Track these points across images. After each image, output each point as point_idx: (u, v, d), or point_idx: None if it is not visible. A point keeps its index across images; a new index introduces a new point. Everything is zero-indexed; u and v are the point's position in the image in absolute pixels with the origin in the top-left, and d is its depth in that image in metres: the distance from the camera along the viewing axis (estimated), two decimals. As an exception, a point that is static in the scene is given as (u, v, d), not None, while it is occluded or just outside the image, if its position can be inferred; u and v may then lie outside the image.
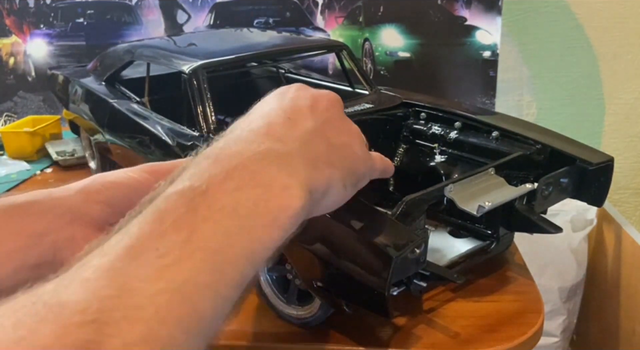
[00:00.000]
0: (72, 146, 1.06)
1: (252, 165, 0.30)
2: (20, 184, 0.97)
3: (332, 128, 0.36)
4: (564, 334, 1.18)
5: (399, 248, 0.42)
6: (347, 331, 0.52)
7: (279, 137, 0.33)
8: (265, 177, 0.30)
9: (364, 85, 0.77)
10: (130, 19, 1.28)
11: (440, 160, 0.67)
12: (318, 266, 0.47)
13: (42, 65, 1.31)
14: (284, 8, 1.25)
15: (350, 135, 0.38)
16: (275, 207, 0.29)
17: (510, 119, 0.68)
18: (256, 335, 0.53)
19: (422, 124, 0.71)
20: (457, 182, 0.53)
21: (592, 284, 1.17)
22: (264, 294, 0.55)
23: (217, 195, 0.27)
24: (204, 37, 0.94)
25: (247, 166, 0.29)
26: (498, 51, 1.20)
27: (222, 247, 0.26)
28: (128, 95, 0.81)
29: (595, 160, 0.58)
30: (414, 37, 1.22)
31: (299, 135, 0.34)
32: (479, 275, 0.61)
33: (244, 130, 0.33)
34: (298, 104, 0.36)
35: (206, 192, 0.27)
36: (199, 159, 0.30)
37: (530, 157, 0.61)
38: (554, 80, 1.25)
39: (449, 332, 0.52)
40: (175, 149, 0.64)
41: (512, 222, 0.58)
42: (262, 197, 0.29)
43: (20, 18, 1.31)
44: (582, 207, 1.12)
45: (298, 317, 0.53)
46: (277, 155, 0.31)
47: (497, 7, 1.18)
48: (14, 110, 1.35)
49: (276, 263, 0.55)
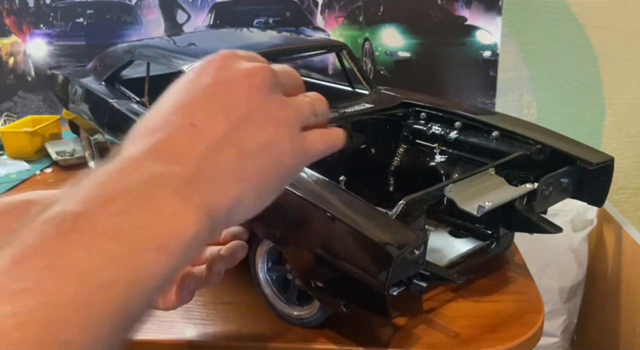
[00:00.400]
0: (72, 146, 1.06)
1: (140, 190, 0.28)
2: (20, 184, 0.97)
3: (250, 126, 0.32)
4: (564, 334, 1.18)
5: (399, 247, 0.42)
6: (347, 331, 0.52)
7: (175, 155, 0.30)
8: (154, 202, 0.28)
9: (364, 85, 0.77)
10: (130, 19, 1.28)
11: (440, 160, 0.67)
12: (317, 266, 0.47)
13: (41, 65, 1.31)
14: (284, 8, 1.25)
15: (277, 125, 0.33)
16: (164, 232, 0.27)
17: (511, 119, 0.68)
18: (256, 335, 0.53)
19: (422, 123, 0.71)
20: (457, 182, 0.53)
21: (592, 284, 1.17)
22: (264, 294, 0.55)
23: (95, 219, 0.26)
24: (204, 37, 0.94)
25: (133, 191, 0.27)
26: (498, 51, 1.20)
27: (95, 271, 0.24)
28: (128, 95, 0.81)
29: (596, 160, 0.58)
30: (414, 37, 1.22)
31: (201, 150, 0.30)
32: (479, 275, 0.61)
33: (137, 147, 0.30)
34: (211, 96, 0.32)
35: (81, 215, 0.26)
36: (82, 183, 0.28)
37: (531, 157, 0.61)
38: (554, 80, 1.25)
39: (449, 332, 0.52)
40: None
41: (512, 222, 0.58)
42: (149, 222, 0.27)
43: (20, 18, 1.31)
44: (582, 207, 1.12)
45: (298, 317, 0.53)
46: (169, 181, 0.29)
47: (497, 7, 1.17)
48: (14, 110, 1.35)
49: (275, 263, 0.55)
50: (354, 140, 0.69)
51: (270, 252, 0.55)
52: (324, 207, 0.46)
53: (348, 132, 0.67)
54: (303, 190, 0.48)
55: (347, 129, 0.67)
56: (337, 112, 0.67)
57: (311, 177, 0.51)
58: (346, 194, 0.48)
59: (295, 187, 0.49)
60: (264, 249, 0.54)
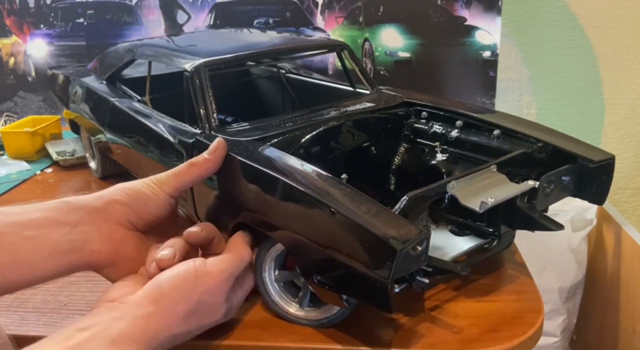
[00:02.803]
0: (72, 146, 1.06)
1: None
2: (20, 184, 0.97)
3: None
4: (564, 333, 1.18)
5: (403, 242, 0.42)
6: (349, 330, 0.52)
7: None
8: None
9: (364, 84, 0.77)
10: (130, 19, 1.28)
11: (442, 159, 0.68)
12: (321, 260, 0.47)
13: (42, 65, 1.31)
14: (284, 8, 1.25)
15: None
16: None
17: (511, 118, 0.68)
18: (256, 335, 0.53)
19: (423, 123, 0.71)
20: (459, 179, 0.53)
21: (591, 284, 1.17)
22: (274, 302, 0.55)
23: None
24: (204, 37, 0.94)
25: None
26: (498, 51, 1.20)
27: None
28: (129, 94, 0.81)
29: (597, 158, 0.58)
30: (414, 37, 1.22)
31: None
32: (480, 274, 0.61)
33: None
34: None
35: None
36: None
37: (532, 155, 0.61)
38: (554, 80, 1.25)
39: (450, 332, 0.52)
40: (176, 146, 0.64)
41: (513, 219, 0.58)
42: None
43: (21, 18, 1.31)
44: (582, 207, 1.12)
45: (315, 318, 0.53)
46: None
47: (497, 7, 1.18)
48: (14, 110, 1.35)
49: (282, 268, 0.56)
50: (355, 139, 0.69)
51: (277, 259, 0.55)
52: (327, 202, 0.46)
53: (350, 131, 0.68)
54: (306, 186, 0.48)
55: (348, 128, 0.67)
56: (338, 112, 0.67)
57: (314, 172, 0.51)
58: (349, 189, 0.48)
59: (298, 182, 0.49)
60: (270, 255, 0.54)
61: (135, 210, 0.52)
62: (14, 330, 0.56)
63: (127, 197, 0.52)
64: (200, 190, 0.61)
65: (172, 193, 0.54)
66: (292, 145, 0.62)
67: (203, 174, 0.56)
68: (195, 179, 0.55)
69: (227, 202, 0.57)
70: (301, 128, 0.63)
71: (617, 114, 1.27)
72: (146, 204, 0.53)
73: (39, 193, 0.93)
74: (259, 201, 0.52)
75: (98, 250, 0.49)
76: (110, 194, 0.52)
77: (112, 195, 0.52)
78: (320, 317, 0.53)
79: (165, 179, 0.54)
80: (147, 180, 0.54)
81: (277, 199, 0.50)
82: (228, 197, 0.56)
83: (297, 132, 0.63)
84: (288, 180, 0.49)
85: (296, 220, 0.49)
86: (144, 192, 0.53)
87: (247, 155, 0.55)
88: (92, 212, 0.50)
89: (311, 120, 0.65)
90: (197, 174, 0.55)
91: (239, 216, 0.55)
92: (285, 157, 0.55)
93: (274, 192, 0.51)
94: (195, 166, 0.55)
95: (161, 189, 0.54)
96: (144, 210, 0.53)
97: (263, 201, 0.52)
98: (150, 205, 0.53)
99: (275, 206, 0.51)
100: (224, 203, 0.57)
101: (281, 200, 0.50)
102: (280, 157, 0.55)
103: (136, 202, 0.52)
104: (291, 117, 0.66)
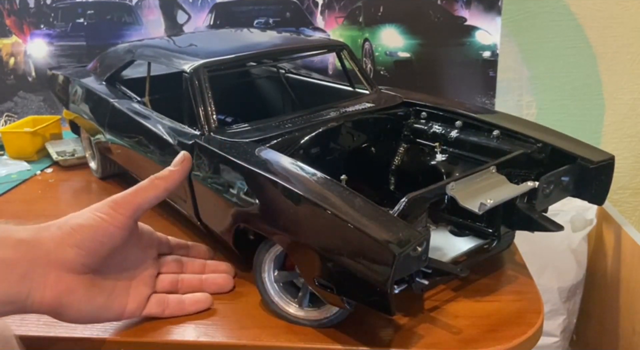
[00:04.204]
0: (72, 146, 1.06)
1: None
2: (20, 184, 0.97)
3: None
4: (564, 334, 1.18)
5: (401, 245, 0.42)
6: (349, 330, 0.52)
7: None
8: None
9: (364, 84, 0.77)
10: (130, 19, 1.28)
11: (441, 160, 0.68)
12: (320, 263, 0.47)
13: (42, 66, 1.31)
14: (284, 8, 1.25)
15: None
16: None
17: (511, 118, 0.68)
18: (256, 335, 0.53)
19: (422, 123, 0.71)
20: (458, 180, 0.53)
21: (591, 284, 1.17)
22: (274, 302, 0.55)
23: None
24: (204, 37, 0.94)
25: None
26: (498, 51, 1.20)
27: None
28: (129, 95, 0.81)
29: (596, 159, 0.58)
30: (414, 37, 1.22)
31: None
32: (479, 275, 0.61)
33: None
34: None
35: None
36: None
37: (531, 155, 0.61)
38: (554, 80, 1.25)
39: (450, 332, 0.52)
40: (176, 147, 0.64)
41: (513, 220, 0.58)
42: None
43: (21, 18, 1.31)
44: (582, 207, 1.12)
45: (314, 318, 0.53)
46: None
47: (497, 7, 1.18)
48: (14, 111, 1.35)
49: (281, 269, 0.56)
50: (355, 139, 0.69)
51: (276, 259, 0.55)
52: (326, 206, 0.46)
53: (349, 132, 0.68)
54: (305, 189, 0.48)
55: (348, 128, 0.67)
56: (338, 112, 0.67)
57: (313, 175, 0.51)
58: (348, 192, 0.48)
59: (297, 185, 0.49)
60: (270, 256, 0.54)
61: (88, 251, 0.48)
62: (14, 330, 0.56)
63: (80, 240, 0.48)
64: (201, 192, 0.61)
65: (133, 214, 0.51)
66: (291, 146, 0.62)
67: (169, 187, 0.54)
68: (160, 193, 0.53)
69: (227, 205, 0.57)
70: (300, 129, 0.63)
71: (617, 114, 1.27)
72: (101, 241, 0.49)
73: (39, 193, 0.93)
74: (258, 205, 0.52)
75: (39, 301, 0.46)
76: (62, 238, 0.48)
77: (64, 239, 0.48)
78: (320, 317, 0.53)
79: (121, 201, 0.51)
80: (102, 205, 0.51)
81: (276, 203, 0.50)
82: (228, 200, 0.56)
83: (296, 133, 0.63)
84: (287, 184, 0.49)
85: (295, 224, 0.49)
86: (97, 227, 0.49)
87: (246, 158, 0.55)
88: (42, 259, 0.46)
89: (310, 121, 0.65)
90: (162, 187, 0.53)
91: (239, 220, 0.55)
92: (284, 159, 0.55)
93: (273, 196, 0.51)
94: (160, 179, 0.54)
95: (118, 212, 0.50)
96: (100, 249, 0.49)
97: (262, 205, 0.52)
98: (106, 241, 0.49)
99: (274, 210, 0.51)
100: (225, 206, 0.57)
101: (280, 203, 0.50)
102: (279, 159, 0.55)
103: (90, 242, 0.48)
104: (290, 118, 0.66)
